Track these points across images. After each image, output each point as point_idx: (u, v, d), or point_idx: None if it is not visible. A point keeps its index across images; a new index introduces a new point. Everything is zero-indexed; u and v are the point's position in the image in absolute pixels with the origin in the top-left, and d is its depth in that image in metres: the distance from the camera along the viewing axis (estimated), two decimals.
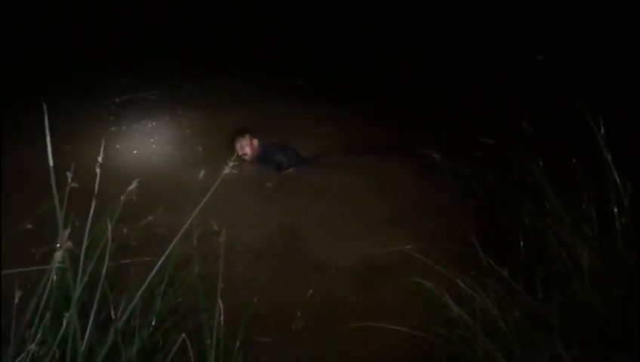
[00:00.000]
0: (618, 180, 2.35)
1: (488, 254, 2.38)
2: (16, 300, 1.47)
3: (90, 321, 1.39)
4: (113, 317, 1.56)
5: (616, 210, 2.33)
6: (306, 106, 5.34)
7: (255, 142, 4.46)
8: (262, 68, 6.05)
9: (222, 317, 1.53)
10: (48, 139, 1.31)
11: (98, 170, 1.38)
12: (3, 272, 1.55)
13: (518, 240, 2.54)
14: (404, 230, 3.18)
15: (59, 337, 1.45)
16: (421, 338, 2.05)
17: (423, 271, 2.30)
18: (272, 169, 4.31)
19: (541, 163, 2.82)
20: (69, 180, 1.87)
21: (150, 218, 2.61)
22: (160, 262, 1.67)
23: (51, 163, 1.29)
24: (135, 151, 4.52)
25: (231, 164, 1.56)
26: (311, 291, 2.34)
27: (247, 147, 4.40)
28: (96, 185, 1.41)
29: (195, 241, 2.12)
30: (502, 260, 2.35)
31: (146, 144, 4.72)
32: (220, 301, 1.49)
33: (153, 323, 1.98)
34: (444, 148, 3.15)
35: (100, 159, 1.37)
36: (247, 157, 4.40)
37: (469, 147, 3.36)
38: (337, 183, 4.01)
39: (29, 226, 2.09)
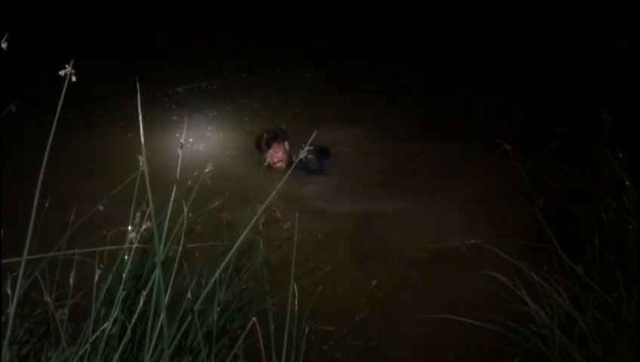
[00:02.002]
0: None
1: (561, 249, 2.28)
2: (96, 278, 1.51)
3: (166, 300, 1.40)
4: (189, 297, 1.57)
5: None
6: (368, 95, 5.28)
7: (286, 145, 3.95)
8: (323, 57, 6.04)
9: (296, 301, 1.51)
10: (141, 122, 1.32)
11: (180, 152, 1.39)
12: (79, 251, 1.59)
13: (593, 236, 2.41)
14: (473, 221, 3.10)
15: (135, 316, 1.47)
16: (493, 332, 1.98)
17: (491, 264, 2.22)
18: (305, 173, 3.91)
19: (620, 155, 2.66)
20: (141, 164, 1.92)
21: (216, 203, 2.65)
22: (233, 248, 1.66)
23: (142, 141, 1.31)
24: (196, 139, 4.59)
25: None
26: (376, 281, 2.30)
27: (278, 155, 3.90)
28: (178, 167, 1.42)
29: (260, 227, 2.12)
30: (576, 256, 2.25)
31: (208, 132, 4.79)
32: (294, 285, 1.47)
33: (219, 308, 2.01)
34: (516, 138, 3.02)
35: (181, 140, 1.37)
36: (279, 166, 3.89)
37: (543, 137, 3.24)
38: (403, 172, 3.92)
39: (100, 208, 2.14)
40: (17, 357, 1.75)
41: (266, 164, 3.66)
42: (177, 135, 4.66)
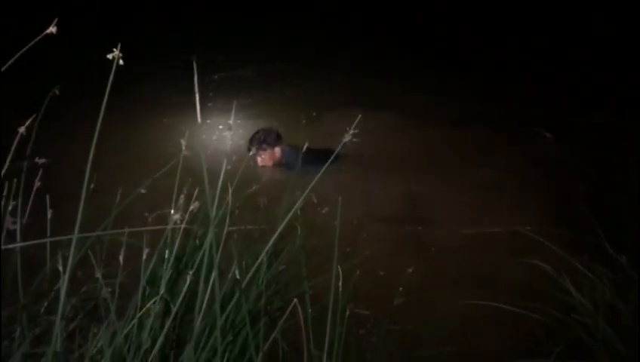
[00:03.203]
0: None
1: (603, 240, 2.24)
2: (144, 256, 1.55)
3: (213, 279, 1.43)
4: (238, 277, 1.60)
5: None
6: (402, 80, 5.22)
7: (278, 150, 4.03)
8: (358, 43, 6.01)
9: (340, 284, 1.52)
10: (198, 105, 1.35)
11: (229, 134, 1.41)
12: (127, 230, 1.63)
13: (635, 225, 2.37)
14: (512, 208, 3.06)
15: (182, 294, 1.50)
16: (534, 320, 1.96)
17: (531, 252, 2.19)
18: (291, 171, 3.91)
19: None
20: (183, 148, 1.95)
21: (254, 188, 2.68)
22: (276, 233, 1.68)
23: (199, 118, 1.33)
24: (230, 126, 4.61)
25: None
26: (412, 267, 2.30)
27: (268, 157, 3.98)
28: (228, 148, 1.44)
29: (298, 212, 2.14)
30: (619, 246, 2.21)
31: (240, 119, 4.81)
32: (338, 266, 1.48)
33: (259, 290, 2.04)
34: (557, 127, 2.98)
35: (230, 122, 1.39)
36: (263, 165, 4.01)
37: (584, 126, 3.16)
38: (439, 158, 3.87)
39: (143, 191, 2.18)
40: (65, 332, 1.81)
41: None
42: (208, 121, 4.70)
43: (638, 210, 2.44)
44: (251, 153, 3.87)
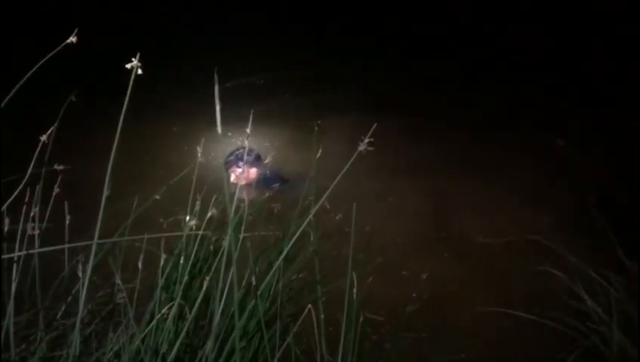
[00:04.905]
0: None
1: (617, 247, 2.23)
2: (162, 262, 1.57)
3: (228, 284, 1.45)
4: (254, 283, 1.62)
5: None
6: (415, 85, 5.21)
7: (254, 171, 3.99)
8: (371, 52, 6.01)
9: (354, 290, 1.53)
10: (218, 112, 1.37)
11: (246, 141, 1.43)
12: (146, 236, 1.66)
13: None
14: (526, 215, 3.06)
15: (199, 298, 1.52)
16: (549, 328, 1.96)
17: (546, 259, 2.19)
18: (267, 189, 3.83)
19: None
20: (199, 155, 1.98)
21: (267, 194, 2.70)
22: (292, 240, 1.70)
23: (219, 129, 1.36)
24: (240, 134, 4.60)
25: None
26: (427, 273, 2.30)
27: (242, 176, 3.89)
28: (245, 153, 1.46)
29: (311, 218, 2.15)
30: (633, 254, 2.20)
31: (252, 127, 4.80)
32: (353, 273, 1.49)
33: (270, 294, 2.05)
34: (570, 133, 2.97)
35: (248, 130, 1.42)
36: (240, 184, 3.88)
37: (597, 133, 3.15)
38: (456, 167, 3.86)
39: (157, 197, 2.21)
40: (81, 336, 1.84)
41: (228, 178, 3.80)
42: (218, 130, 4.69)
43: None
44: (227, 168, 3.80)
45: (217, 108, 1.37)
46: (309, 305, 1.58)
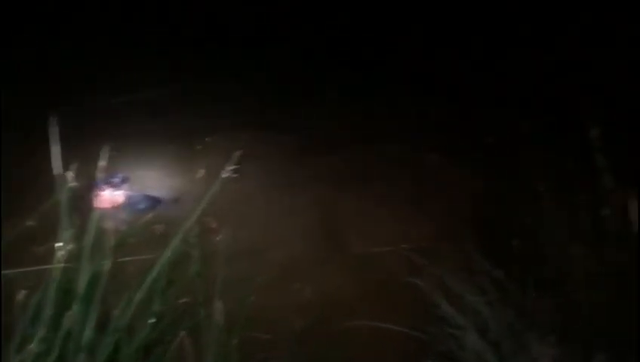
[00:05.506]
0: (611, 184, 2.38)
1: (484, 254, 2.42)
2: (19, 297, 1.51)
3: (90, 319, 1.42)
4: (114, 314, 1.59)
5: (608, 213, 2.36)
6: (300, 103, 5.24)
7: (119, 195, 3.85)
8: (263, 66, 5.99)
9: (221, 315, 1.55)
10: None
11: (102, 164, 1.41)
12: (11, 271, 1.59)
13: (514, 241, 2.58)
14: (400, 228, 3.20)
15: (61, 334, 1.48)
16: (412, 337, 2.08)
17: (418, 270, 2.33)
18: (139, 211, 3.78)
19: (540, 166, 2.85)
20: (69, 180, 1.92)
21: (150, 215, 2.65)
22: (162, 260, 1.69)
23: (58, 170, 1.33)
24: (126, 153, 4.44)
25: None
26: (309, 289, 2.37)
27: (106, 200, 3.73)
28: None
29: (193, 239, 2.15)
30: (497, 260, 2.39)
31: (144, 144, 4.65)
32: (217, 300, 1.52)
33: (152, 321, 2.02)
34: (444, 148, 3.15)
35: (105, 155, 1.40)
36: (105, 208, 3.70)
37: (470, 147, 3.37)
38: (341, 180, 3.94)
39: (30, 223, 2.12)
40: None
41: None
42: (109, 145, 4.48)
43: (516, 227, 2.65)
44: (92, 193, 3.60)
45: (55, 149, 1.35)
46: (182, 332, 1.58)
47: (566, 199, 2.56)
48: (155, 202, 3.87)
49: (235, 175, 1.59)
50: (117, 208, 3.81)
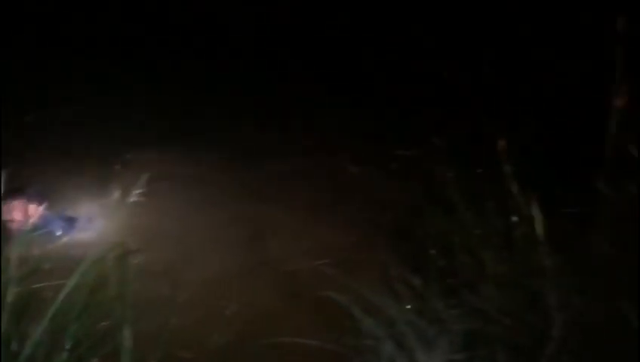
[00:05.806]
0: (518, 191, 2.53)
1: (402, 264, 2.50)
2: None
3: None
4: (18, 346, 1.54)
5: (516, 219, 2.50)
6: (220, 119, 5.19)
7: (33, 208, 3.60)
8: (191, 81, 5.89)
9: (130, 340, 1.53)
10: None
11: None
12: None
13: (430, 249, 2.68)
14: (320, 241, 3.25)
15: None
16: (331, 351, 2.12)
17: (337, 284, 2.37)
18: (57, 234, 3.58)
19: (454, 175, 2.97)
20: None
21: (65, 239, 2.56)
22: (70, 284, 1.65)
23: None
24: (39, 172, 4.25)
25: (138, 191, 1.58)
26: (232, 306, 2.36)
27: (18, 213, 3.51)
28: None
29: (110, 262, 2.11)
30: (416, 269, 2.48)
31: (61, 163, 4.46)
32: (128, 325, 1.50)
33: (68, 348, 1.96)
34: (359, 160, 3.21)
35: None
36: (15, 224, 3.48)
37: (385, 159, 3.44)
38: (243, 198, 3.95)
39: None
40: None
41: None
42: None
43: (432, 235, 2.75)
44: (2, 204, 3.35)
45: None
46: (95, 360, 1.55)
47: (478, 208, 2.69)
48: (70, 223, 3.67)
49: (146, 195, 1.58)
50: (30, 221, 3.53)
